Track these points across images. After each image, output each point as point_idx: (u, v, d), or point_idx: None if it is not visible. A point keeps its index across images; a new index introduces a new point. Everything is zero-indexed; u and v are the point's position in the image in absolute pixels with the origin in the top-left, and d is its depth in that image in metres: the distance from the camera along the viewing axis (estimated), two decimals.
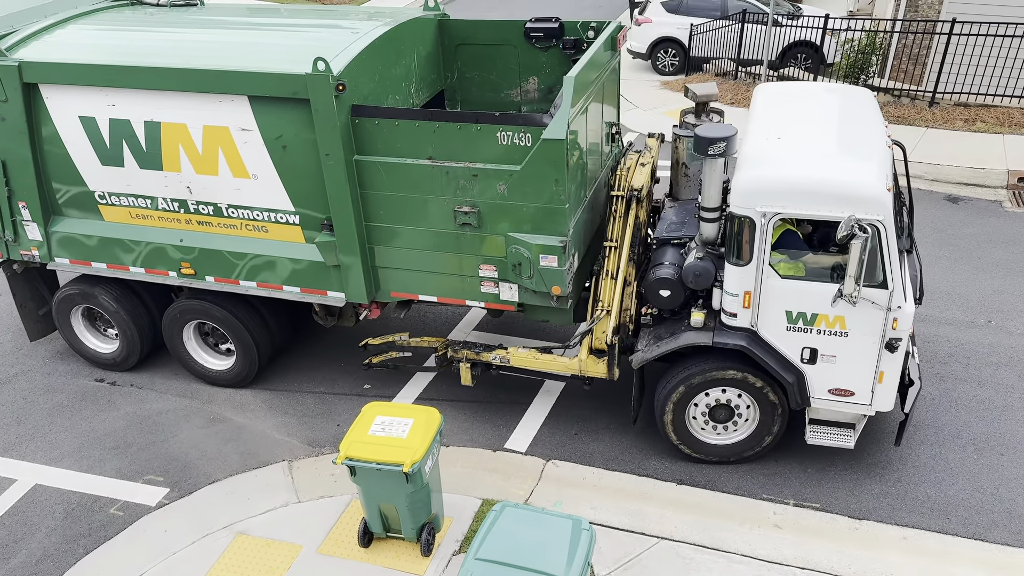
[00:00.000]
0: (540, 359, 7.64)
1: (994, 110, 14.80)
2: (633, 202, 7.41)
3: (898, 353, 6.53)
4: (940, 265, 10.58)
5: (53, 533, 7.21)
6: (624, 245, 7.32)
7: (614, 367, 7.42)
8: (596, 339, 7.41)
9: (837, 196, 6.17)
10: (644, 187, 7.47)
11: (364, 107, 6.95)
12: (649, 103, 17.22)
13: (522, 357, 7.70)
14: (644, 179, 7.58)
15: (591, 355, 7.48)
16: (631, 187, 7.44)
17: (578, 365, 7.50)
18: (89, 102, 7.52)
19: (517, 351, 7.73)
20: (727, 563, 6.55)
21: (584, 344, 7.47)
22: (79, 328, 9.22)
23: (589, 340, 7.44)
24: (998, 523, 6.87)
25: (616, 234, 7.41)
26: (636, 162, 7.87)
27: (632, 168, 7.73)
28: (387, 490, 6.32)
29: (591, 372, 7.50)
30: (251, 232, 7.79)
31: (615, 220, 7.45)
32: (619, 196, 7.46)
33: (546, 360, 7.63)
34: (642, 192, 7.41)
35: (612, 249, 7.38)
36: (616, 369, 7.44)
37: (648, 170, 7.79)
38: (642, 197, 7.43)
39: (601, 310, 7.32)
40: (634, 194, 7.40)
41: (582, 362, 7.48)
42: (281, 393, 8.88)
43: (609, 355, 7.37)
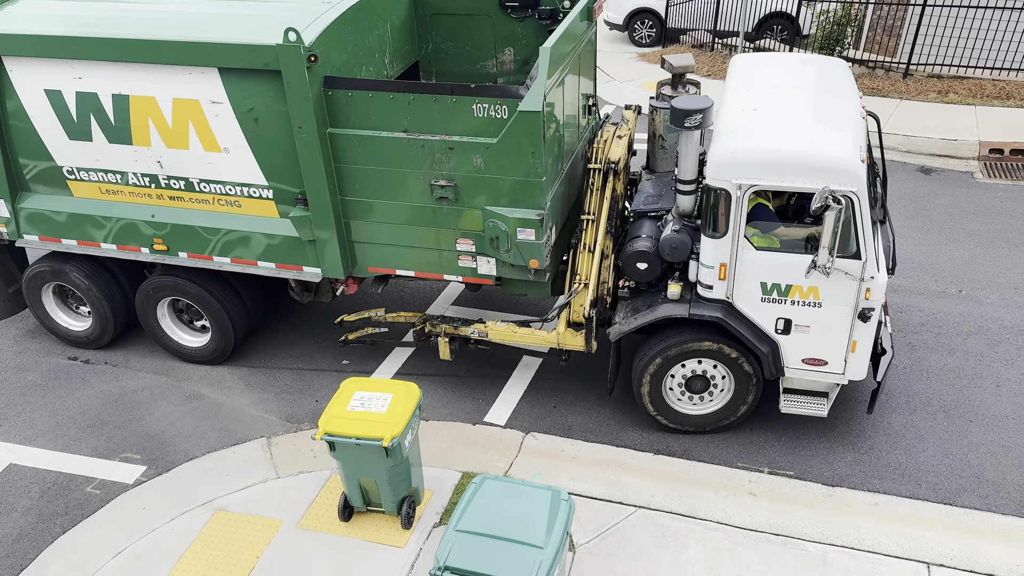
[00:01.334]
0: (518, 333, 7.65)
1: (967, 82, 14.91)
2: (610, 175, 7.37)
3: (871, 323, 6.62)
4: (912, 236, 10.70)
5: (29, 512, 7.16)
6: (601, 218, 7.31)
7: (592, 340, 7.44)
8: (574, 312, 7.42)
9: (812, 168, 6.20)
10: (621, 160, 7.44)
11: (337, 78, 6.85)
12: (626, 75, 17.15)
13: (500, 331, 7.71)
14: (621, 152, 7.55)
15: (569, 328, 7.49)
16: (608, 160, 7.41)
17: (556, 338, 7.51)
18: (55, 75, 7.35)
19: (495, 325, 7.73)
20: (703, 530, 6.66)
21: (562, 317, 7.48)
22: (50, 306, 9.09)
23: (567, 313, 7.45)
24: (967, 488, 7.03)
25: (593, 207, 7.39)
26: (613, 135, 7.82)
27: (609, 141, 7.69)
28: (367, 465, 6.33)
29: (569, 345, 7.52)
30: (224, 207, 7.69)
31: (592, 193, 7.42)
32: (596, 169, 7.43)
33: (524, 334, 7.64)
34: (619, 165, 7.39)
35: (590, 222, 7.36)
36: (594, 342, 7.46)
37: (625, 143, 7.75)
38: (619, 170, 7.40)
39: (579, 283, 7.33)
40: (611, 167, 7.37)
41: (560, 335, 7.49)
42: (258, 370, 8.84)
43: (587, 328, 7.38)
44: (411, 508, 6.67)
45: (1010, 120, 13.50)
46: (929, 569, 6.26)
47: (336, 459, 6.41)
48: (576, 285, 7.34)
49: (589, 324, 7.37)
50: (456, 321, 7.91)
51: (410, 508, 6.66)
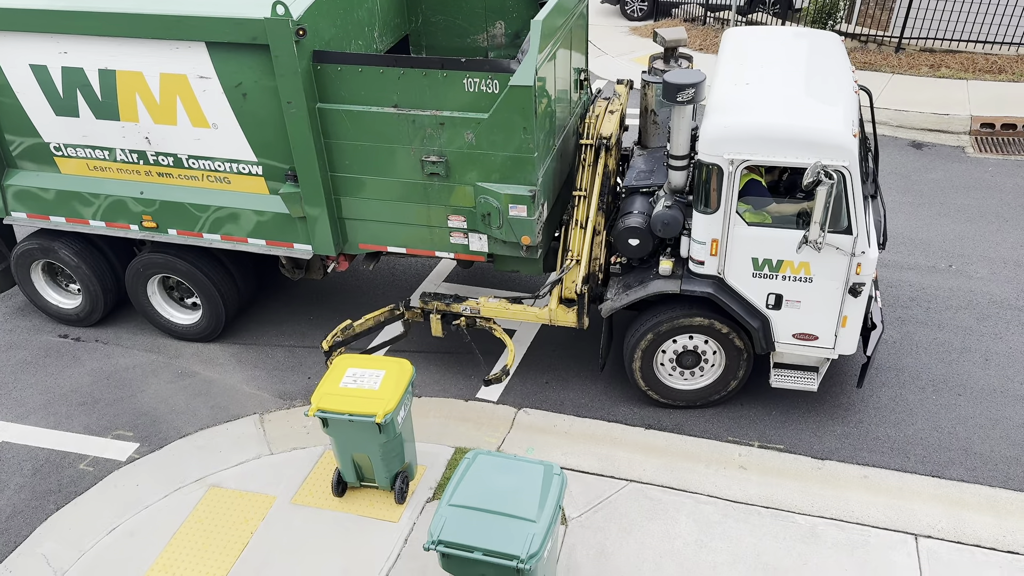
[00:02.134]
0: (510, 309, 7.64)
1: (959, 56, 14.87)
2: (602, 150, 7.33)
3: (861, 298, 6.65)
4: (903, 211, 10.72)
5: (22, 490, 7.16)
6: (593, 194, 7.28)
7: (584, 316, 7.45)
8: (566, 289, 7.42)
9: (804, 142, 6.19)
10: (613, 135, 7.40)
11: (326, 53, 6.78)
12: (617, 49, 17.02)
13: (492, 308, 7.69)
14: (613, 127, 7.50)
15: (561, 304, 7.49)
16: (600, 135, 7.35)
17: (548, 315, 7.52)
18: (40, 50, 7.24)
19: (487, 302, 7.72)
20: (694, 503, 6.72)
21: (554, 294, 7.47)
22: (40, 283, 9.04)
23: (559, 290, 7.45)
24: (955, 460, 7.11)
25: (585, 183, 7.35)
26: (605, 110, 7.76)
27: (601, 116, 7.63)
28: (360, 441, 6.35)
29: (561, 321, 7.52)
30: (213, 184, 7.63)
31: (584, 169, 7.38)
32: (588, 145, 7.38)
33: (516, 310, 7.63)
34: (611, 140, 7.34)
35: (581, 199, 7.33)
36: (586, 318, 7.47)
37: (617, 118, 7.70)
38: (611, 145, 7.36)
39: (571, 260, 7.31)
40: (603, 142, 7.32)
41: (552, 312, 7.49)
42: (250, 347, 8.83)
43: (579, 305, 7.39)
44: (404, 483, 6.71)
45: (1002, 94, 13.49)
46: (917, 540, 6.35)
47: (329, 435, 6.42)
48: (568, 262, 7.33)
49: (581, 300, 7.36)
50: (448, 298, 7.90)
51: (403, 483, 6.70)
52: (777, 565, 6.19)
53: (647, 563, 6.23)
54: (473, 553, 5.07)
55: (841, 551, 6.28)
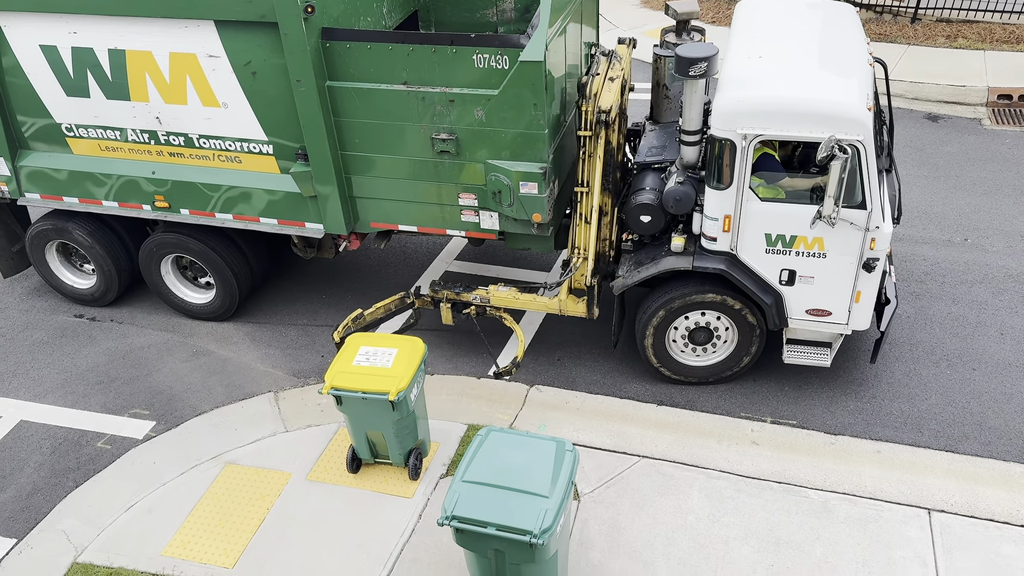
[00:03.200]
0: (520, 299, 7.65)
1: (976, 26, 14.61)
2: (602, 128, 6.86)
3: (875, 273, 6.60)
4: (918, 184, 10.61)
5: (41, 468, 7.27)
6: (595, 186, 7.02)
7: (593, 307, 7.49)
8: (575, 280, 7.42)
9: (818, 116, 6.12)
10: (613, 108, 6.87)
11: (335, 30, 6.74)
12: (629, 23, 16.83)
13: (502, 297, 7.69)
14: (613, 97, 6.96)
15: (571, 295, 7.51)
16: (599, 109, 6.82)
17: (558, 305, 7.54)
18: (49, 30, 7.24)
19: (497, 291, 7.70)
20: (706, 479, 6.74)
21: (564, 285, 7.47)
22: (55, 264, 9.11)
23: (569, 281, 7.44)
24: (969, 435, 7.09)
25: (587, 176, 7.08)
26: (604, 77, 7.14)
27: (599, 88, 6.97)
28: (373, 418, 6.40)
29: (571, 311, 7.55)
30: (224, 163, 7.64)
31: (584, 161, 7.04)
32: (587, 137, 6.93)
33: (526, 299, 7.65)
34: (611, 113, 6.82)
35: (584, 194, 7.12)
36: (596, 308, 7.52)
37: (617, 85, 7.12)
38: (611, 120, 6.84)
39: (578, 257, 7.27)
40: (603, 116, 6.78)
41: (562, 302, 7.51)
42: (264, 326, 8.88)
43: (588, 296, 7.41)
44: (418, 460, 6.76)
45: (1020, 65, 13.25)
46: (930, 514, 6.35)
47: (343, 413, 6.47)
48: (575, 259, 7.29)
49: (591, 292, 7.38)
50: (458, 287, 7.88)
51: (417, 460, 6.75)
52: (790, 540, 6.21)
53: (659, 538, 6.27)
54: (487, 528, 5.10)
55: (854, 526, 6.29)
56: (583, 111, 6.87)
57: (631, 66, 7.96)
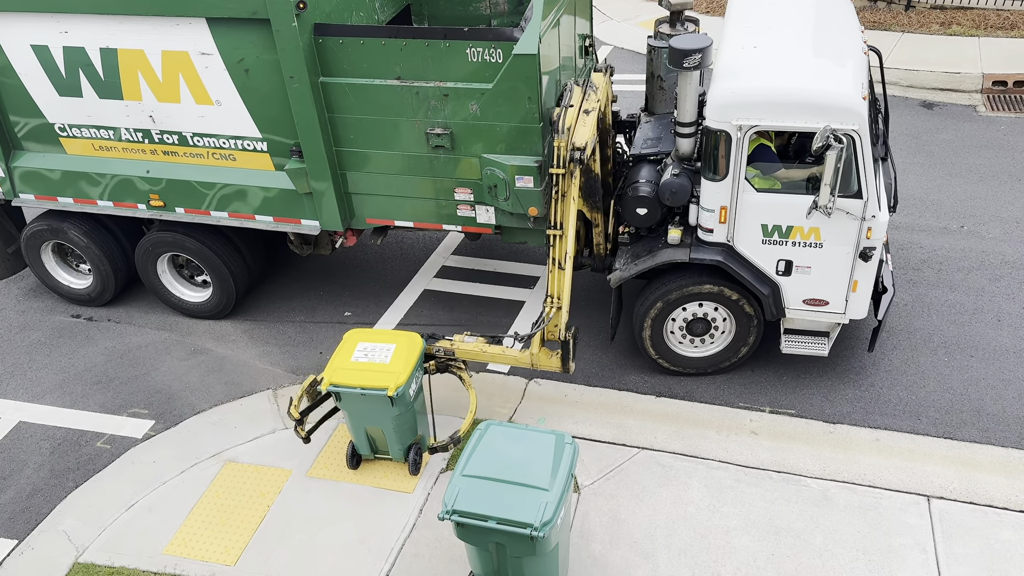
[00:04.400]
0: (488, 351, 7.00)
1: (970, 12, 14.59)
2: (576, 166, 6.48)
3: (872, 262, 6.61)
4: (914, 172, 10.61)
5: (41, 468, 7.27)
6: (569, 230, 6.58)
7: (570, 361, 6.89)
8: (548, 332, 6.89)
9: (813, 106, 6.11)
10: (589, 144, 6.55)
11: (327, 25, 6.72)
12: (622, 14, 16.79)
13: (468, 350, 7.00)
14: (588, 134, 6.62)
15: (543, 348, 6.93)
16: (573, 146, 6.45)
17: (530, 359, 6.92)
18: (40, 30, 7.20)
19: (462, 342, 7.03)
20: (706, 469, 6.76)
21: (535, 338, 6.90)
22: (50, 264, 9.08)
23: (541, 332, 6.90)
24: (967, 422, 7.11)
25: (560, 218, 6.61)
26: (578, 110, 6.74)
27: (573, 124, 6.59)
28: (373, 414, 6.41)
29: (544, 366, 6.94)
30: (219, 161, 7.62)
31: (557, 202, 6.58)
32: (559, 175, 6.52)
33: (494, 352, 7.00)
34: (586, 151, 6.48)
35: (557, 238, 6.64)
36: (572, 363, 6.94)
37: (593, 118, 6.81)
38: (585, 158, 6.49)
39: (551, 306, 6.79)
40: (577, 154, 6.41)
41: (534, 356, 6.89)
42: (261, 323, 8.87)
43: (564, 350, 6.84)
44: (418, 455, 6.77)
45: (1014, 51, 13.24)
46: (929, 501, 6.38)
47: (342, 409, 6.47)
48: (548, 308, 6.80)
49: (566, 347, 6.82)
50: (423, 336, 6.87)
51: (417, 455, 6.76)
52: (789, 528, 6.23)
53: (660, 528, 6.28)
54: (487, 522, 5.11)
55: (853, 514, 6.31)
56: (556, 147, 6.48)
57: (609, 93, 7.56)
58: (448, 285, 9.19)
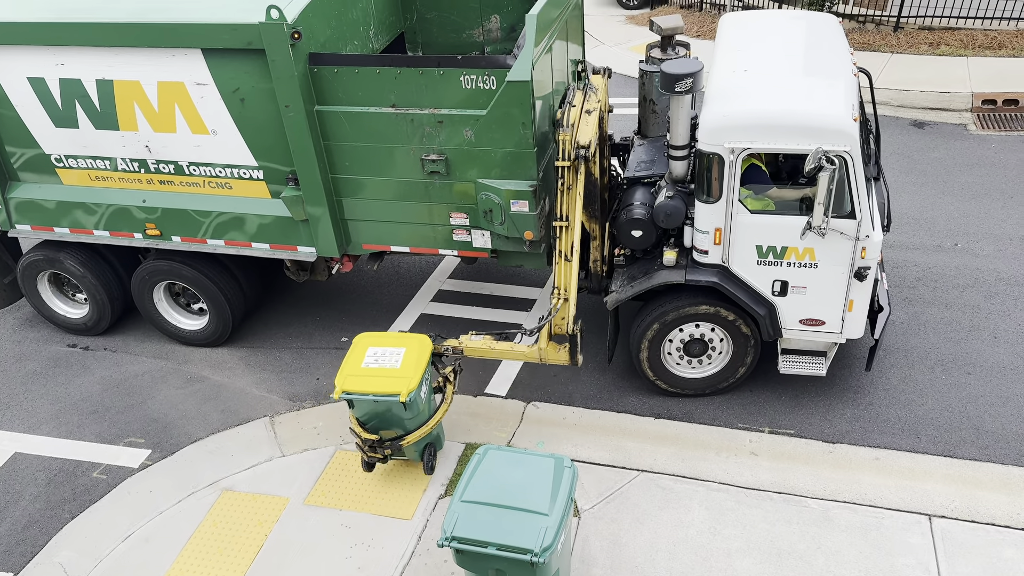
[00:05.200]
0: (496, 348, 7.15)
1: (958, 33, 14.76)
2: (581, 163, 6.67)
3: (867, 281, 6.63)
4: (907, 191, 10.67)
5: (37, 500, 7.21)
6: (575, 221, 6.76)
7: (577, 354, 7.00)
8: (556, 326, 7.00)
9: (804, 129, 6.17)
10: (592, 142, 6.74)
11: (322, 55, 6.78)
12: (614, 39, 16.97)
13: (476, 347, 7.17)
14: (591, 132, 6.83)
15: (551, 342, 7.06)
16: (578, 144, 6.66)
17: (538, 354, 7.07)
18: (37, 62, 7.26)
19: (470, 341, 7.20)
20: (706, 491, 6.73)
21: (543, 331, 7.02)
22: (47, 294, 9.08)
23: (548, 326, 7.02)
24: (966, 440, 7.09)
25: (567, 210, 6.78)
26: (581, 110, 7.00)
27: (576, 123, 6.82)
28: (387, 418, 6.52)
29: (552, 360, 7.08)
30: (215, 189, 7.65)
31: (563, 194, 6.76)
32: (565, 167, 6.68)
33: (502, 348, 7.17)
34: (590, 148, 6.69)
35: (563, 229, 6.82)
36: (580, 356, 7.04)
37: (595, 118, 7.02)
38: (591, 155, 6.73)
39: (558, 298, 6.89)
40: (581, 153, 6.62)
41: (542, 350, 7.04)
42: (258, 350, 8.85)
43: (571, 344, 6.95)
44: (432, 455, 6.94)
45: (1003, 70, 13.39)
46: (931, 520, 6.35)
47: (356, 416, 6.56)
48: (556, 300, 6.90)
49: (574, 340, 6.92)
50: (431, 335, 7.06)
51: (431, 455, 6.93)
52: (791, 550, 6.19)
53: (661, 552, 6.24)
54: (487, 548, 5.08)
55: (855, 534, 6.28)
56: (561, 141, 6.65)
57: (607, 96, 7.80)
58: (445, 309, 9.20)
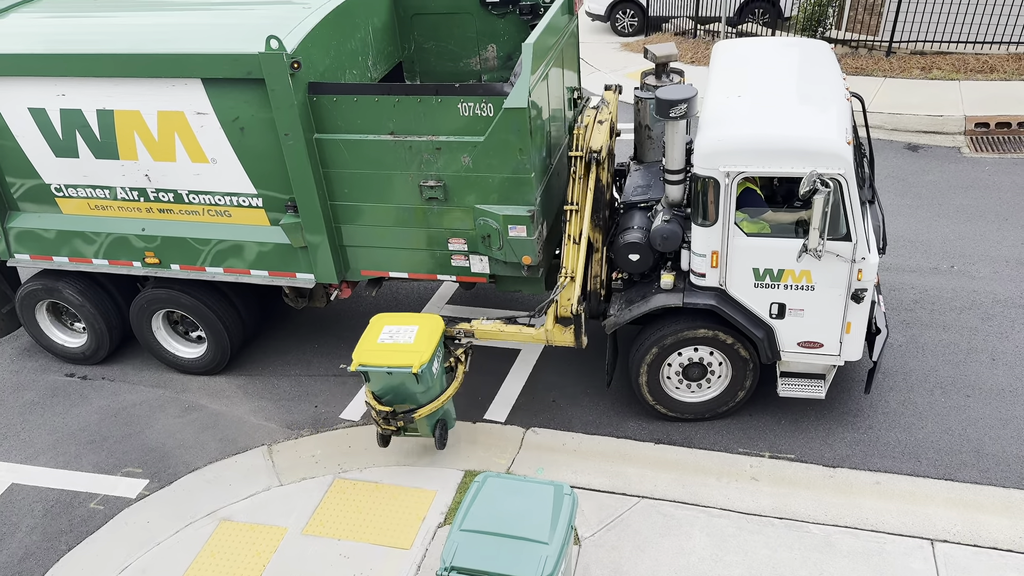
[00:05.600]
0: (505, 331, 7.44)
1: (950, 57, 14.94)
2: (593, 164, 7.07)
3: (864, 303, 6.65)
4: (902, 213, 10.73)
5: (34, 531, 7.15)
6: (585, 208, 7.12)
7: (582, 335, 7.28)
8: (561, 307, 7.21)
9: (798, 152, 6.22)
10: (603, 148, 7.12)
11: (321, 84, 6.84)
12: (610, 65, 17.14)
13: (487, 330, 7.48)
14: (603, 139, 7.21)
15: (557, 324, 7.29)
16: (590, 148, 7.07)
17: (544, 335, 7.32)
18: (38, 93, 7.32)
19: (481, 324, 7.50)
20: (708, 518, 6.69)
21: (549, 313, 7.27)
22: (45, 324, 9.07)
23: (555, 308, 7.24)
24: (967, 463, 7.07)
25: (577, 197, 7.12)
26: (594, 120, 7.45)
27: (590, 127, 7.30)
28: (400, 391, 6.84)
29: (558, 341, 7.33)
30: (214, 217, 7.68)
31: (575, 182, 7.16)
32: (578, 157, 7.11)
33: (511, 331, 7.42)
34: (602, 153, 7.06)
35: (573, 213, 7.13)
36: (584, 337, 7.32)
37: (607, 128, 7.41)
38: (602, 159, 7.09)
39: (565, 277, 7.12)
40: (593, 156, 7.04)
41: (548, 332, 7.30)
42: (256, 378, 8.83)
43: (576, 324, 7.21)
44: (443, 430, 7.23)
45: (994, 93, 13.53)
46: (933, 545, 6.31)
47: (371, 389, 6.90)
48: (562, 279, 7.15)
49: (578, 320, 7.20)
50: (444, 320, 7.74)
51: (443, 430, 7.22)
52: None
53: None
54: None
55: (857, 559, 6.23)
56: (575, 135, 7.15)
57: (618, 109, 8.11)
58: None
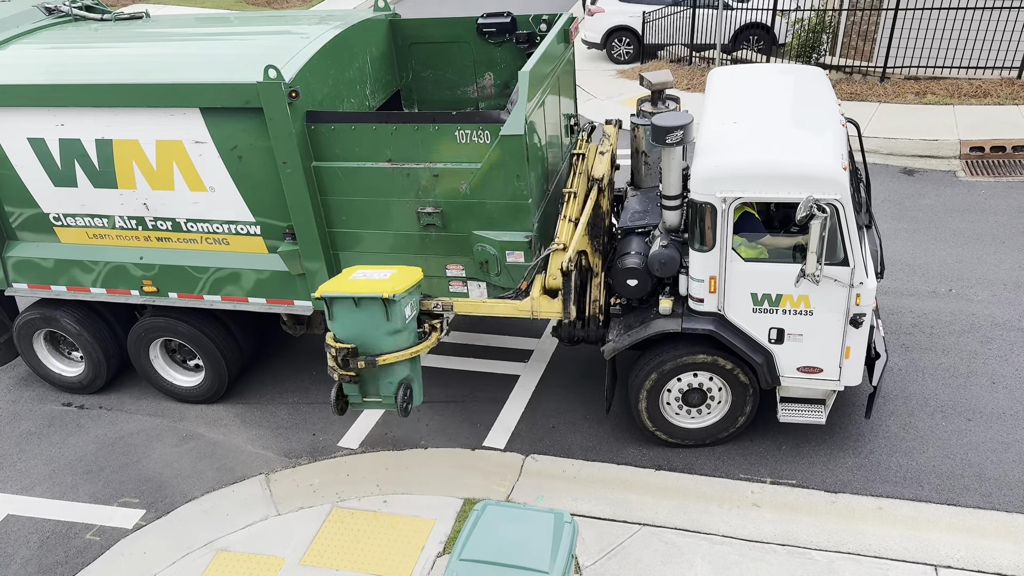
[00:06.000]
0: (486, 303, 7.12)
1: (944, 82, 15.07)
2: (595, 189, 7.23)
3: (863, 328, 6.64)
4: (899, 237, 10.76)
5: (29, 563, 7.07)
6: (581, 194, 7.16)
7: (570, 304, 6.89)
8: (550, 276, 6.93)
9: (795, 178, 6.25)
10: (605, 176, 7.36)
11: (319, 113, 6.89)
12: (606, 92, 17.29)
13: (467, 302, 7.18)
14: (605, 168, 7.48)
15: (544, 295, 6.99)
16: (592, 176, 7.31)
17: (530, 306, 6.99)
18: (37, 123, 7.36)
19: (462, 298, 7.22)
20: (709, 545, 6.62)
21: (536, 283, 6.98)
22: (42, 353, 9.04)
23: (542, 279, 6.97)
24: (969, 487, 7.02)
25: (576, 185, 7.19)
26: (595, 151, 7.75)
27: (591, 157, 7.60)
28: (365, 330, 6.24)
29: (545, 313, 6.99)
30: (212, 245, 7.69)
31: (575, 175, 7.29)
32: (580, 154, 7.41)
33: (493, 303, 7.11)
34: (603, 181, 7.31)
35: (571, 195, 7.13)
36: (572, 307, 6.93)
37: (608, 158, 7.68)
38: (603, 186, 7.33)
39: (556, 243, 6.86)
40: (596, 183, 7.25)
41: (534, 301, 6.96)
42: (254, 406, 8.79)
43: (564, 287, 6.83)
44: (407, 394, 6.58)
45: (989, 118, 13.64)
46: (936, 571, 6.25)
47: (333, 330, 6.32)
48: (554, 245, 6.86)
49: (567, 280, 6.80)
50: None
51: (406, 395, 6.57)
52: None
53: None
54: None
55: None
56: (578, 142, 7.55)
57: (617, 143, 8.25)
58: (441, 361, 9.17)
